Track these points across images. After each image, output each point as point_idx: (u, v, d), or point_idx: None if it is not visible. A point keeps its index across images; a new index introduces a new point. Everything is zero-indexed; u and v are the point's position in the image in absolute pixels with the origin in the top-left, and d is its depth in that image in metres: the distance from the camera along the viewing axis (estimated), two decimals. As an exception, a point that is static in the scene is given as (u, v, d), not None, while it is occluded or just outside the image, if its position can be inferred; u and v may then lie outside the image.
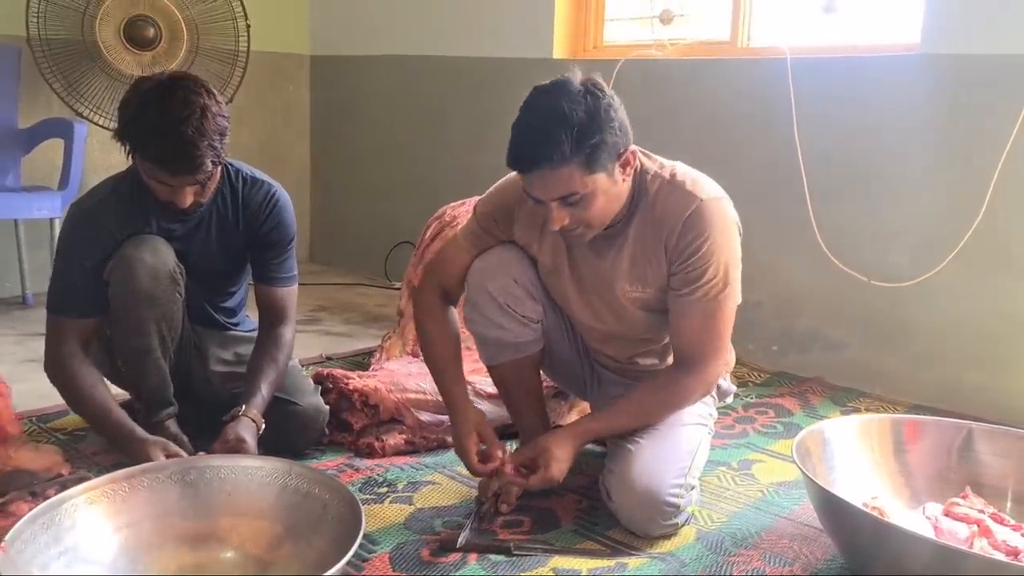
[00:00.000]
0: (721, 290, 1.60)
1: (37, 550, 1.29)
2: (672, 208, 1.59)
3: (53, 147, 3.27)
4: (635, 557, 1.58)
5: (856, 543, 1.47)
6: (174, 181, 1.67)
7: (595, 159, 1.46)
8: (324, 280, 3.94)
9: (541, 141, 1.44)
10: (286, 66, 4.21)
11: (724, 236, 1.59)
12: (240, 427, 1.73)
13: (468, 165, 3.55)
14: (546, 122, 1.45)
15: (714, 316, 1.62)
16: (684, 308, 1.62)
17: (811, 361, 2.74)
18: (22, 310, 3.28)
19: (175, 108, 1.62)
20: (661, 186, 1.61)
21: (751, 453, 2.11)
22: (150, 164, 1.66)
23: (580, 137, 1.44)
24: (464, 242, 1.79)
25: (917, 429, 1.77)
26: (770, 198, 2.78)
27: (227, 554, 1.44)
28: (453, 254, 1.81)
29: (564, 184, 1.47)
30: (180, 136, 1.61)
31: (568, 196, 1.49)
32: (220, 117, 1.68)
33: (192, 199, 1.71)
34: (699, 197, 1.58)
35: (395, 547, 1.59)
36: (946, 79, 2.43)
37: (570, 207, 1.51)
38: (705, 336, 1.63)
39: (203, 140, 1.63)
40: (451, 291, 1.81)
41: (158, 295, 1.79)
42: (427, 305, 1.80)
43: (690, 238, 1.58)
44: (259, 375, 1.86)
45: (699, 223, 1.57)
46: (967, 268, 2.41)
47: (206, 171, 1.66)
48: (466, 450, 1.67)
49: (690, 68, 2.96)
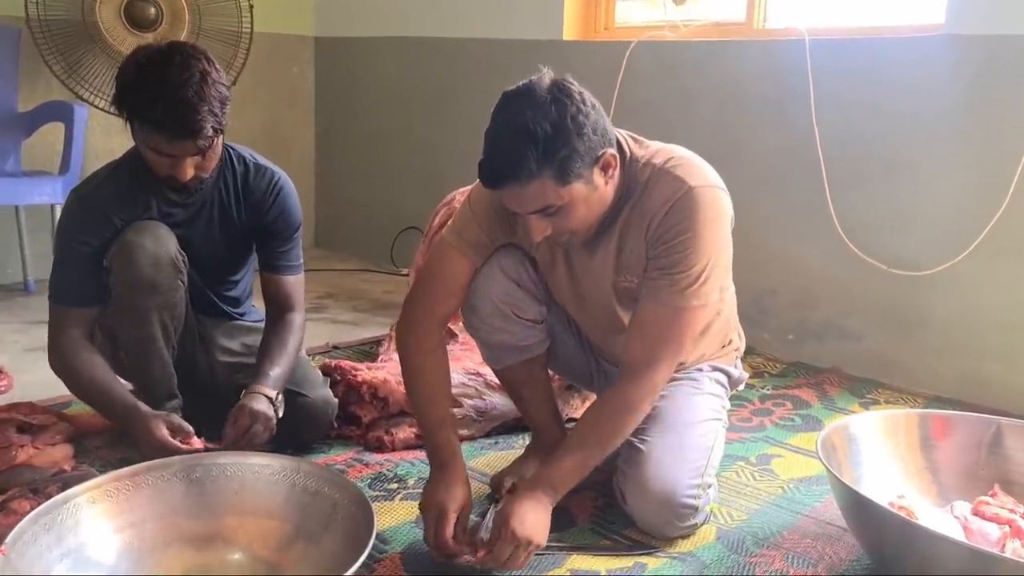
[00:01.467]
0: (691, 284, 1.47)
1: (39, 552, 1.25)
2: (660, 193, 1.49)
3: (53, 131, 3.21)
4: (654, 557, 1.54)
5: (883, 545, 1.43)
6: (174, 148, 1.62)
7: (567, 170, 1.37)
8: (330, 266, 3.89)
9: (507, 159, 1.36)
10: (290, 47, 4.14)
11: (710, 227, 1.47)
12: (246, 400, 1.70)
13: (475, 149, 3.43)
14: (511, 138, 1.36)
15: (676, 312, 1.48)
16: (649, 293, 1.50)
17: (828, 351, 2.69)
18: (24, 296, 3.24)
19: (174, 72, 1.58)
20: (652, 173, 1.51)
21: (769, 447, 2.06)
22: (149, 130, 1.61)
23: (547, 151, 1.34)
24: (466, 250, 1.61)
25: (945, 425, 1.72)
26: (787, 184, 2.71)
27: (234, 555, 1.40)
28: (453, 269, 1.62)
29: (538, 198, 1.39)
30: (180, 99, 1.57)
31: (544, 209, 1.40)
32: (220, 84, 1.63)
33: (192, 172, 1.66)
34: (688, 183, 1.47)
35: (407, 547, 1.54)
36: (971, 61, 2.36)
37: (550, 218, 1.42)
38: (661, 333, 1.49)
39: (203, 104, 1.58)
40: (448, 314, 1.65)
41: (160, 283, 1.74)
42: (423, 340, 1.59)
43: (672, 222, 1.47)
44: (264, 358, 1.82)
45: (684, 209, 1.46)
46: (990, 257, 2.35)
47: (206, 136, 1.61)
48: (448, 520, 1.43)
49: (704, 50, 2.89)
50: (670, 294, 1.48)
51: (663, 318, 1.49)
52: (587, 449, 1.50)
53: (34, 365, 2.46)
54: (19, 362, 2.48)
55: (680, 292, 1.47)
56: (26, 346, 2.67)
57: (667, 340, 1.49)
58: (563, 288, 1.68)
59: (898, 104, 2.49)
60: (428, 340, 1.61)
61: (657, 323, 1.49)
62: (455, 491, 1.46)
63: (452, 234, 1.64)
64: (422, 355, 1.59)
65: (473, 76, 3.55)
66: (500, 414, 2.06)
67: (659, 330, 1.49)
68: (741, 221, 1.59)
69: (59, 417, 1.94)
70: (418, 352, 1.60)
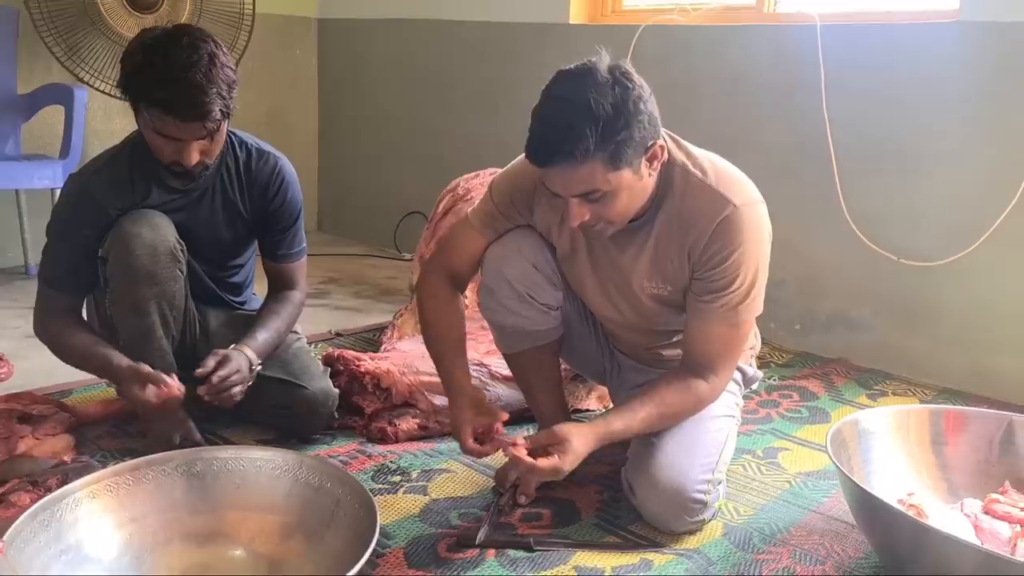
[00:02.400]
0: (742, 300, 1.50)
1: (37, 549, 1.24)
2: (702, 211, 1.48)
3: (53, 114, 3.18)
4: (660, 554, 1.52)
5: (894, 545, 1.40)
6: (182, 131, 1.60)
7: (620, 155, 1.35)
8: (332, 250, 3.86)
9: (563, 136, 1.33)
10: (293, 29, 4.09)
11: (754, 247, 1.48)
12: (229, 351, 1.73)
13: (479, 134, 3.45)
14: (570, 115, 1.33)
15: (731, 327, 1.52)
16: (702, 314, 1.53)
17: (835, 341, 2.66)
18: (25, 280, 3.21)
19: (183, 53, 1.57)
20: (691, 183, 1.49)
21: (776, 440, 2.04)
22: (157, 112, 1.58)
23: (605, 133, 1.32)
24: (478, 224, 1.67)
25: (957, 421, 1.69)
26: (796, 173, 2.68)
27: (236, 552, 1.38)
28: (465, 238, 1.69)
29: (585, 181, 1.36)
30: (188, 81, 1.55)
31: (589, 193, 1.38)
32: (228, 68, 1.62)
33: (198, 157, 1.64)
34: (732, 202, 1.46)
35: (410, 542, 1.53)
36: (986, 49, 2.31)
37: (591, 204, 1.40)
38: (720, 346, 1.54)
39: (212, 86, 1.56)
40: (460, 276, 1.70)
41: (157, 273, 1.72)
42: (432, 289, 1.68)
43: (718, 247, 1.47)
44: (256, 322, 1.86)
45: (729, 231, 1.46)
46: (1002, 249, 2.31)
47: (215, 119, 1.59)
48: (460, 434, 1.51)
49: (713, 35, 2.84)
50: (724, 313, 1.51)
51: (721, 335, 1.54)
52: (652, 423, 1.53)
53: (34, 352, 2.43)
54: (19, 348, 2.46)
55: (733, 310, 1.51)
56: (27, 332, 2.62)
57: (728, 351, 1.55)
58: (584, 279, 1.66)
59: (911, 92, 2.44)
60: (439, 289, 1.68)
61: (716, 339, 1.54)
62: (461, 414, 1.54)
63: (471, 213, 1.70)
64: (430, 299, 1.68)
65: (478, 59, 3.50)
66: (505, 405, 2.03)
67: (719, 344, 1.54)
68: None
69: (59, 407, 1.92)
70: (428, 298, 1.68)
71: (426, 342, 1.69)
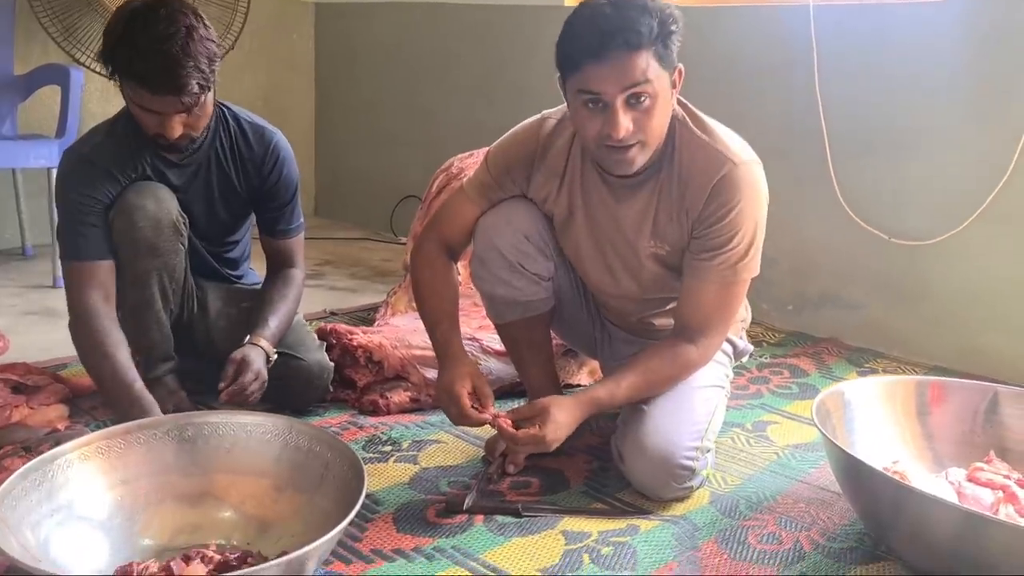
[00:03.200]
0: (740, 258, 1.52)
1: (29, 508, 1.25)
2: (701, 168, 1.50)
3: (50, 94, 3.18)
4: (646, 519, 1.54)
5: (876, 508, 1.42)
6: (159, 104, 1.59)
7: (668, 52, 1.40)
8: (329, 234, 3.87)
9: (621, 23, 1.36)
10: (290, 13, 4.09)
11: (753, 205, 1.51)
12: (245, 349, 1.71)
13: (476, 117, 3.45)
14: (626, 7, 1.37)
15: (728, 286, 1.54)
16: (699, 272, 1.55)
17: (827, 321, 2.67)
18: (21, 261, 3.23)
19: (160, 26, 1.56)
20: (691, 140, 1.52)
21: (766, 414, 2.05)
22: (134, 85, 1.59)
23: (662, 23, 1.37)
24: (472, 193, 1.69)
25: (941, 391, 1.70)
26: (788, 152, 2.68)
27: (225, 513, 1.40)
28: (459, 206, 1.71)
29: (639, 71, 1.37)
30: (164, 54, 1.54)
31: (640, 86, 1.38)
32: (208, 41, 1.61)
33: (181, 130, 1.64)
34: (731, 160, 1.49)
35: (399, 507, 1.54)
36: (977, 28, 2.32)
37: (634, 109, 1.40)
38: (715, 306, 1.56)
39: (188, 60, 1.56)
40: (455, 245, 1.72)
41: (160, 245, 1.73)
42: (426, 256, 1.69)
43: (717, 204, 1.49)
44: (266, 307, 1.83)
45: (728, 189, 1.49)
46: (992, 227, 2.33)
47: (191, 93, 1.58)
48: (457, 395, 1.51)
49: (706, 16, 2.85)
50: (722, 272, 1.53)
51: (717, 294, 1.55)
52: (640, 390, 1.56)
53: (30, 328, 2.46)
54: (16, 325, 2.49)
55: (731, 268, 1.53)
56: (24, 309, 2.67)
57: (721, 312, 1.58)
58: (580, 244, 1.67)
59: (902, 71, 2.45)
60: (433, 257, 1.69)
61: (712, 299, 1.55)
62: (456, 372, 1.55)
63: (466, 183, 1.71)
64: (422, 268, 1.69)
65: (474, 42, 3.51)
66: (496, 379, 2.05)
67: (714, 305, 1.56)
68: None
69: (54, 378, 1.94)
70: (419, 266, 1.70)
71: (420, 310, 1.70)
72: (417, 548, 1.42)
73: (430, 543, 1.43)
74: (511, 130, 1.69)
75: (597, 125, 1.43)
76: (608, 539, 1.47)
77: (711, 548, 1.46)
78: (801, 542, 1.48)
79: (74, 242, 1.72)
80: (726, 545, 1.47)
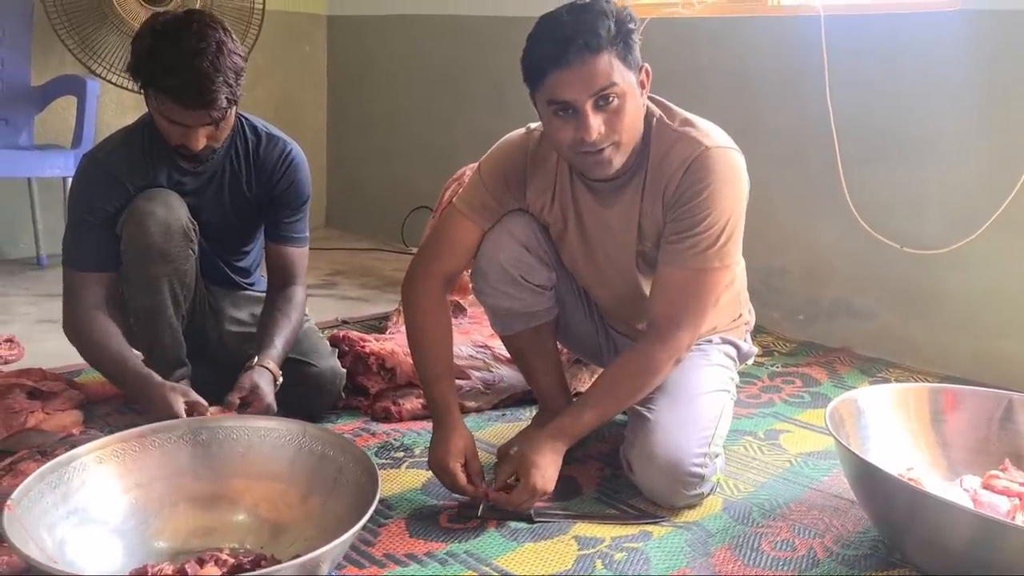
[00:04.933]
0: (712, 244, 1.47)
1: (44, 509, 1.26)
2: (675, 155, 1.50)
3: (66, 105, 3.23)
4: (659, 526, 1.53)
5: (891, 514, 1.41)
6: (188, 118, 1.61)
7: (629, 51, 1.41)
8: (341, 245, 3.89)
9: (579, 27, 1.38)
10: (303, 25, 4.13)
11: (727, 186, 1.48)
12: (256, 375, 1.69)
13: (487, 128, 3.43)
14: (586, 13, 1.40)
15: (698, 273, 1.48)
16: (668, 257, 1.51)
17: (839, 330, 2.66)
18: (36, 271, 3.25)
19: (191, 40, 1.57)
20: (668, 134, 1.52)
21: (778, 423, 2.05)
22: (164, 98, 1.60)
23: (619, 22, 1.40)
24: (469, 211, 1.63)
25: (956, 399, 1.70)
26: (800, 162, 2.69)
27: (239, 516, 1.41)
28: (457, 229, 1.64)
29: (603, 73, 1.39)
30: (195, 69, 1.56)
31: (607, 90, 1.39)
32: (236, 56, 1.63)
33: (205, 142, 1.66)
34: (703, 144, 1.49)
35: (412, 512, 1.54)
36: (988, 37, 2.32)
37: (603, 112, 1.41)
38: (684, 295, 1.50)
39: (218, 75, 1.57)
40: (453, 274, 1.68)
41: (170, 251, 1.74)
42: (421, 296, 1.62)
43: (688, 184, 1.48)
44: (272, 328, 1.81)
45: (701, 169, 1.48)
46: (1005, 235, 2.32)
47: (220, 107, 1.60)
48: (452, 472, 1.50)
49: (718, 27, 2.86)
50: (692, 256, 1.48)
51: (686, 281, 1.50)
52: (606, 405, 1.55)
53: (45, 336, 2.48)
54: (31, 332, 2.50)
55: (702, 253, 1.48)
56: (38, 317, 2.69)
57: (690, 302, 1.51)
58: (575, 251, 1.67)
59: (913, 80, 2.46)
60: (428, 297, 1.63)
61: (680, 286, 1.50)
62: (452, 443, 1.53)
63: (460, 200, 1.67)
64: (422, 313, 1.63)
65: (485, 54, 3.53)
66: (508, 386, 2.06)
67: (683, 293, 1.50)
68: (752, 198, 1.58)
69: (69, 384, 1.95)
70: (418, 310, 1.63)
71: (415, 356, 1.64)
72: (430, 553, 1.42)
73: (443, 548, 1.43)
74: (497, 144, 1.68)
75: (570, 132, 1.43)
76: (621, 545, 1.46)
77: (724, 555, 1.45)
78: (815, 549, 1.48)
79: (74, 251, 1.77)
80: (739, 552, 1.46)
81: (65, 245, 1.78)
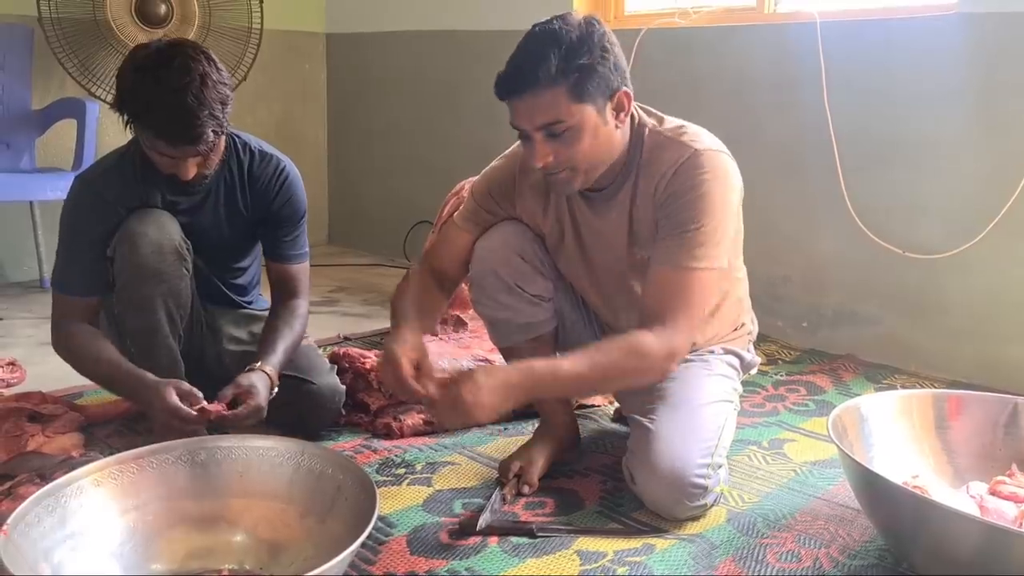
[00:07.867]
0: (700, 243, 1.46)
1: (41, 533, 1.25)
2: (667, 158, 1.51)
3: (67, 128, 3.24)
4: (662, 538, 1.52)
5: (896, 523, 1.40)
6: (175, 152, 1.61)
7: (583, 86, 1.39)
8: (342, 261, 3.89)
9: (528, 60, 1.39)
10: (302, 44, 4.15)
11: (717, 187, 1.47)
12: (254, 376, 1.69)
13: (488, 143, 3.43)
14: (536, 42, 1.40)
15: (684, 271, 1.46)
16: (657, 254, 1.51)
17: (843, 337, 2.65)
18: (39, 293, 3.25)
19: (173, 76, 1.56)
20: (658, 140, 1.53)
21: (782, 432, 2.03)
22: (149, 135, 1.60)
23: (568, 57, 1.37)
24: (461, 221, 1.71)
25: (960, 404, 1.68)
26: (799, 169, 2.68)
27: (238, 537, 1.39)
28: (451, 235, 1.72)
29: (549, 109, 1.39)
30: (179, 106, 1.55)
31: (553, 124, 1.40)
32: (221, 85, 1.61)
33: (195, 171, 1.66)
34: (693, 147, 1.50)
35: (413, 530, 1.53)
36: (985, 40, 2.32)
37: (555, 141, 1.42)
38: (671, 291, 1.46)
39: (203, 109, 1.56)
40: (447, 274, 1.71)
41: (164, 270, 1.74)
42: (415, 277, 1.67)
43: (678, 183, 1.49)
44: (275, 335, 1.81)
45: (690, 170, 1.48)
46: (1007, 239, 2.31)
47: (207, 141, 1.60)
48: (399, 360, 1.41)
49: (715, 36, 2.86)
50: (679, 254, 1.47)
51: (674, 279, 1.48)
52: (584, 375, 1.40)
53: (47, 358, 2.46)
54: (32, 355, 2.50)
55: (689, 252, 1.47)
56: (40, 340, 2.68)
57: (679, 301, 1.46)
58: (573, 261, 1.67)
59: (911, 85, 2.45)
60: (423, 279, 1.67)
61: (669, 284, 1.48)
62: (402, 338, 1.48)
63: (455, 217, 1.72)
64: (406, 281, 1.66)
65: (484, 69, 3.48)
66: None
67: (672, 291, 1.48)
68: (753, 207, 1.57)
69: (69, 407, 1.95)
70: (405, 280, 1.66)
71: (392, 303, 1.63)
72: (431, 571, 1.40)
73: (444, 565, 1.42)
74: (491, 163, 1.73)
75: (529, 154, 1.47)
76: (624, 559, 1.45)
77: (729, 567, 1.43)
78: (821, 560, 1.46)
79: (63, 274, 1.79)
80: (744, 564, 1.44)
81: (55, 267, 1.80)
